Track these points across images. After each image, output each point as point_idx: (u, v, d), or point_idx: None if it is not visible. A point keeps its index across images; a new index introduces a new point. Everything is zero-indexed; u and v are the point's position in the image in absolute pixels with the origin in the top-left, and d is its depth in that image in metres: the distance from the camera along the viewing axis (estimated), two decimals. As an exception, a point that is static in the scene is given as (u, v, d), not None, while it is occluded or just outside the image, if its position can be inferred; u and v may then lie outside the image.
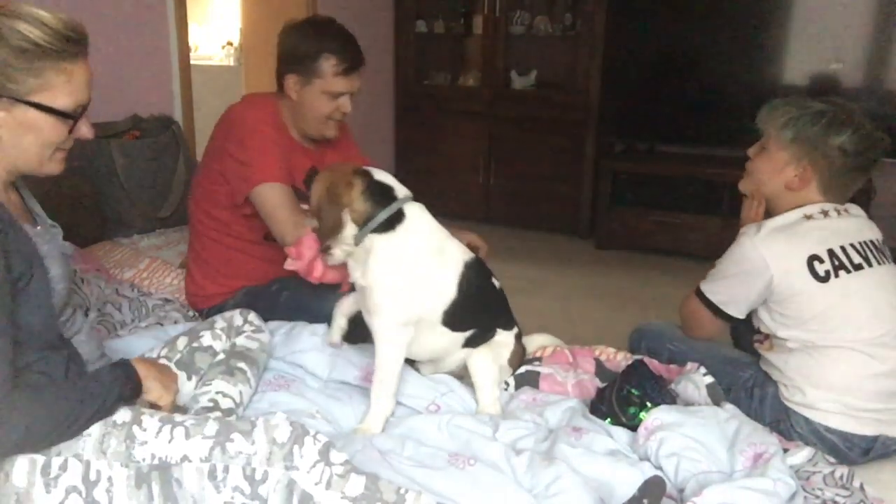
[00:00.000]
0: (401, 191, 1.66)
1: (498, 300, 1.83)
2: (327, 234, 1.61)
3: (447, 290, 1.67)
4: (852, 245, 1.78)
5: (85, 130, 1.34)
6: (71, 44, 1.25)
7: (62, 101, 1.26)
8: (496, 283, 1.83)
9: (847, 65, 4.01)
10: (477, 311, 1.74)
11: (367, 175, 1.63)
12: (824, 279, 1.73)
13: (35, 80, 1.23)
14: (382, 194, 1.62)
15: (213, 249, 2.15)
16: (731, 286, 1.85)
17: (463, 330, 1.75)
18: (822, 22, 3.98)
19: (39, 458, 1.26)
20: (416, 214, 1.65)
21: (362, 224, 1.60)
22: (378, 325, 1.64)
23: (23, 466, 1.25)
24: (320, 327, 1.91)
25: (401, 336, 1.64)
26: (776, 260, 1.75)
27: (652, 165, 4.39)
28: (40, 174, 1.35)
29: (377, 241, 1.60)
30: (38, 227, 1.40)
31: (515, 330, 1.87)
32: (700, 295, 1.93)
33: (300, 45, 2.03)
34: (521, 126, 4.71)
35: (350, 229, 1.61)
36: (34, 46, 1.21)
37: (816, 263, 1.74)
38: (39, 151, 1.30)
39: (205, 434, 1.26)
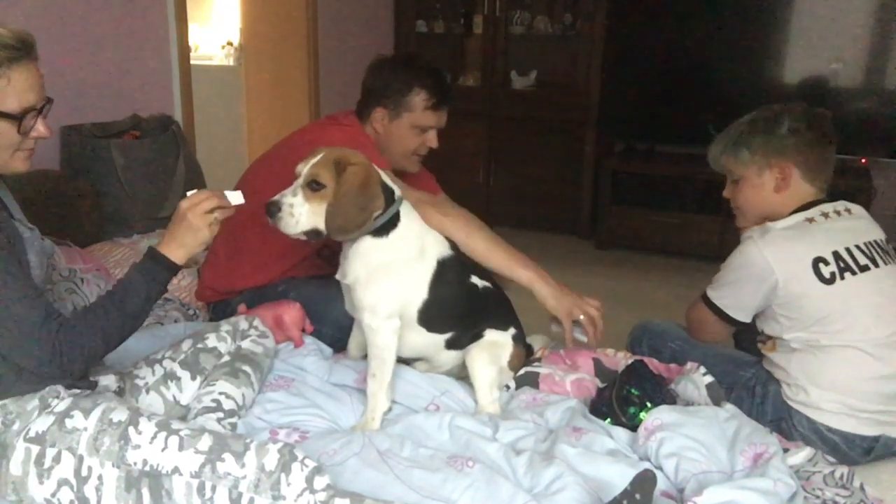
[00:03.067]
0: (396, 189, 1.67)
1: (484, 300, 1.81)
2: (348, 229, 1.58)
3: (421, 288, 1.69)
4: (857, 246, 1.78)
5: (42, 130, 1.39)
6: (10, 49, 1.31)
7: (7, 104, 1.32)
8: (479, 282, 1.81)
9: (847, 65, 4.01)
10: (454, 310, 1.75)
11: (379, 175, 1.64)
12: (829, 281, 1.73)
13: None
14: (388, 196, 1.64)
15: (258, 250, 2.12)
16: (736, 291, 1.84)
17: (440, 332, 1.76)
18: (822, 22, 3.98)
19: (34, 448, 1.29)
20: (408, 220, 1.67)
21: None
22: (365, 319, 1.66)
23: (19, 456, 1.29)
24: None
25: (389, 327, 1.66)
26: (781, 264, 1.74)
27: (652, 165, 4.39)
28: (7, 173, 1.41)
29: (368, 243, 1.63)
30: (17, 224, 1.45)
31: (513, 331, 1.85)
32: (706, 300, 1.92)
33: (391, 80, 2.07)
34: (521, 126, 4.71)
35: None
36: None
37: (822, 266, 1.73)
38: (0, 153, 1.36)
39: (198, 448, 1.27)
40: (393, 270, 1.65)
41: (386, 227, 1.63)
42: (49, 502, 1.30)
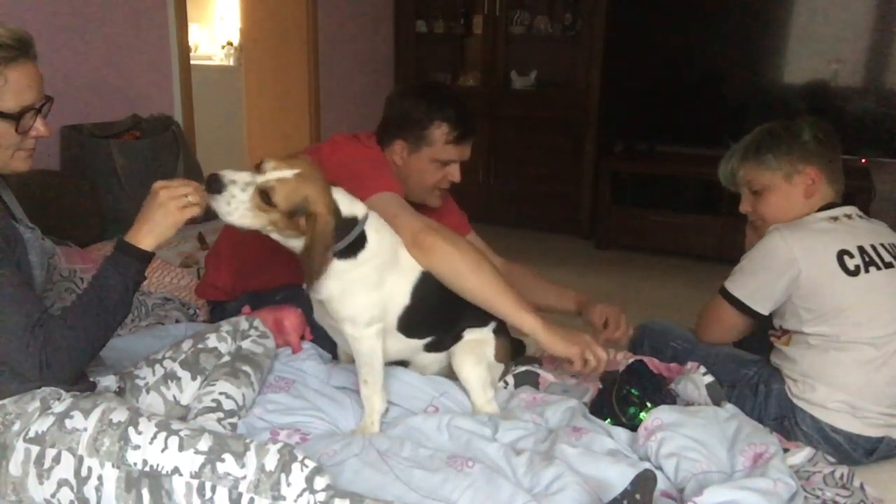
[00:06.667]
0: (359, 210, 1.61)
1: (462, 303, 1.77)
2: (317, 275, 1.53)
3: (401, 298, 1.67)
4: (882, 245, 1.80)
5: (41, 129, 1.39)
6: (7, 49, 1.31)
7: (4, 103, 1.32)
8: None
9: (847, 65, 4.01)
10: (434, 316, 1.74)
11: (338, 211, 1.55)
12: (854, 273, 1.74)
13: None
14: (347, 225, 1.57)
15: (259, 253, 2.06)
16: (757, 280, 1.83)
17: (418, 337, 1.75)
18: (822, 22, 3.98)
19: (34, 449, 1.29)
20: (378, 236, 1.62)
21: None
22: (346, 329, 1.63)
23: (19, 456, 1.29)
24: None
25: (371, 331, 1.63)
26: (805, 253, 1.75)
27: (652, 165, 4.39)
28: (8, 172, 1.41)
29: (336, 266, 1.57)
30: (18, 224, 1.44)
31: (492, 325, 1.83)
32: (724, 293, 1.90)
33: (411, 112, 1.96)
34: (521, 126, 4.71)
35: None
36: None
37: (846, 258, 1.75)
38: (0, 153, 1.36)
39: (198, 448, 1.27)
40: (369, 283, 1.61)
41: (353, 248, 1.58)
42: (49, 503, 1.30)
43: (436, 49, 5.13)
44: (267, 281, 2.10)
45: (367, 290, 1.61)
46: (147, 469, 1.26)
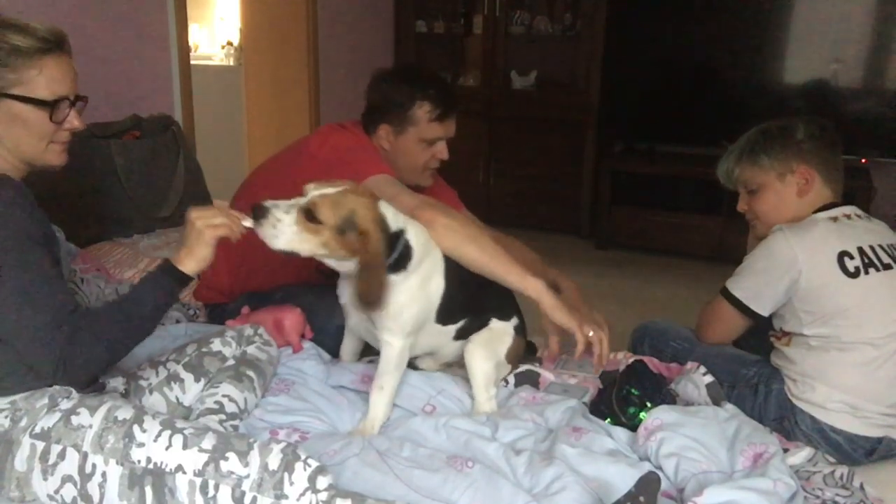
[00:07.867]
0: (402, 221, 1.61)
1: (487, 286, 1.77)
2: (378, 297, 1.51)
3: (439, 285, 1.68)
4: (881, 245, 1.80)
5: (75, 122, 1.43)
6: (42, 41, 1.35)
7: (39, 92, 1.37)
8: None
9: (847, 65, 4.01)
10: (465, 298, 1.74)
11: (386, 226, 1.56)
12: (854, 275, 1.74)
13: (12, 76, 1.34)
14: (394, 239, 1.58)
15: (255, 255, 2.08)
16: (758, 281, 1.84)
17: (453, 322, 1.76)
18: (822, 22, 3.98)
19: (39, 444, 1.31)
20: (417, 241, 1.61)
21: None
22: (384, 336, 1.64)
23: (24, 452, 1.31)
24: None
25: (407, 343, 1.66)
26: (806, 254, 1.76)
27: (652, 165, 4.39)
28: (43, 165, 1.44)
29: (389, 280, 1.57)
30: None
31: (514, 321, 1.84)
32: (725, 293, 1.91)
33: (393, 95, 2.00)
34: (521, 126, 4.71)
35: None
36: (8, 46, 1.34)
37: (846, 259, 1.75)
38: (35, 143, 1.40)
39: (202, 447, 1.27)
40: (418, 290, 1.63)
41: (402, 260, 1.58)
42: (52, 499, 1.30)
43: (436, 49, 5.13)
44: (266, 281, 2.10)
45: (418, 297, 1.63)
46: (151, 466, 1.27)
